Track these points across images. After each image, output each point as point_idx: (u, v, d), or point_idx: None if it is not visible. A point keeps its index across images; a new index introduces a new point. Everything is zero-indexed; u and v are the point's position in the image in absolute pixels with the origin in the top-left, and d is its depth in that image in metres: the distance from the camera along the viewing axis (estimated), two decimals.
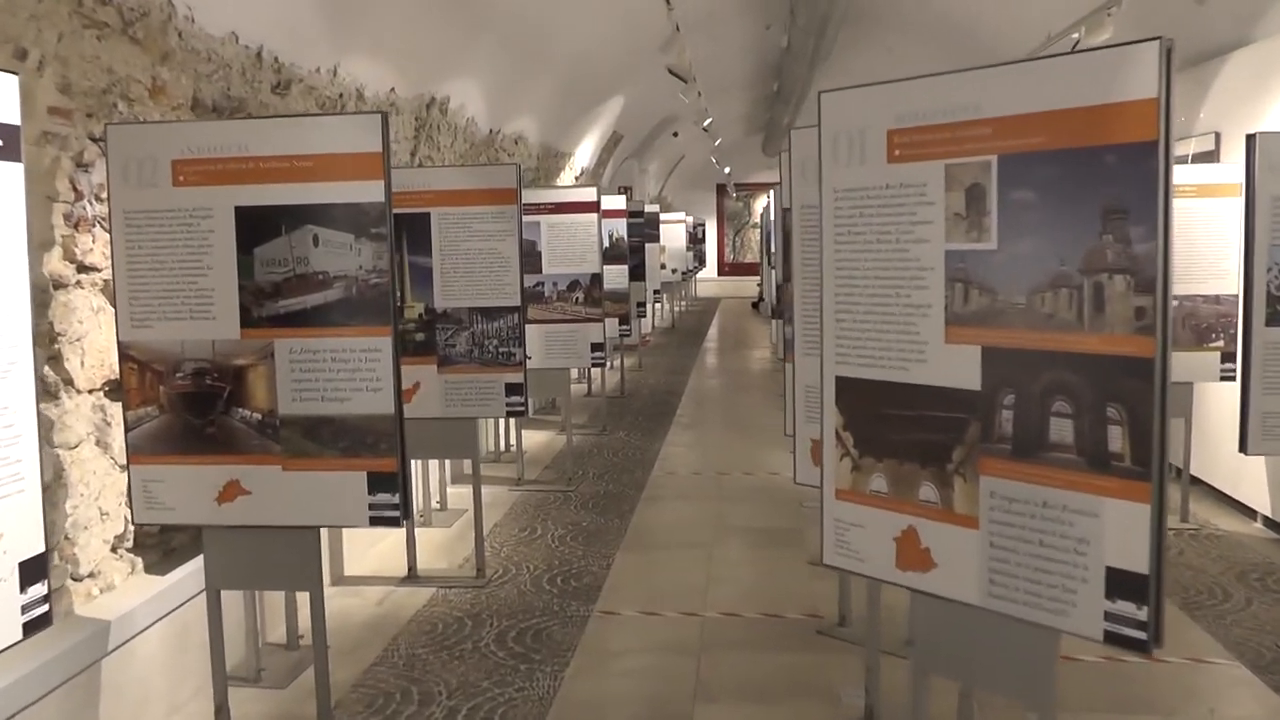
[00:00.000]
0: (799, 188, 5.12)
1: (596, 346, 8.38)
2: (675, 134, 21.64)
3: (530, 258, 8.30)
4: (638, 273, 12.96)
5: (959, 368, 3.02)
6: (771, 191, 12.39)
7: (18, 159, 2.88)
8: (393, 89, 7.04)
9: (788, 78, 16.51)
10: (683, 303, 25.55)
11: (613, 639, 5.31)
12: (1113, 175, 2.65)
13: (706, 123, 15.27)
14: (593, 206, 8.32)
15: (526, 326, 8.11)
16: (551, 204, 8.28)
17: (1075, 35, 7.76)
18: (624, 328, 11.56)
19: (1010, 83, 2.94)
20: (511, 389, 6.06)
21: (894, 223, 3.22)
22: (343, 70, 6.15)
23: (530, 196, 8.37)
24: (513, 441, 9.16)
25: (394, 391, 3.78)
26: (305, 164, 3.76)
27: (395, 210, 5.99)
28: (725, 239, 34.91)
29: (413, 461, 6.28)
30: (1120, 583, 2.69)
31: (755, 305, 26.57)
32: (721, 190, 33.82)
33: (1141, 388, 2.61)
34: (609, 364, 13.97)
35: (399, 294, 6.06)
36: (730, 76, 17.52)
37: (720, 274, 34.50)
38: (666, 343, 19.25)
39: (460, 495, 7.61)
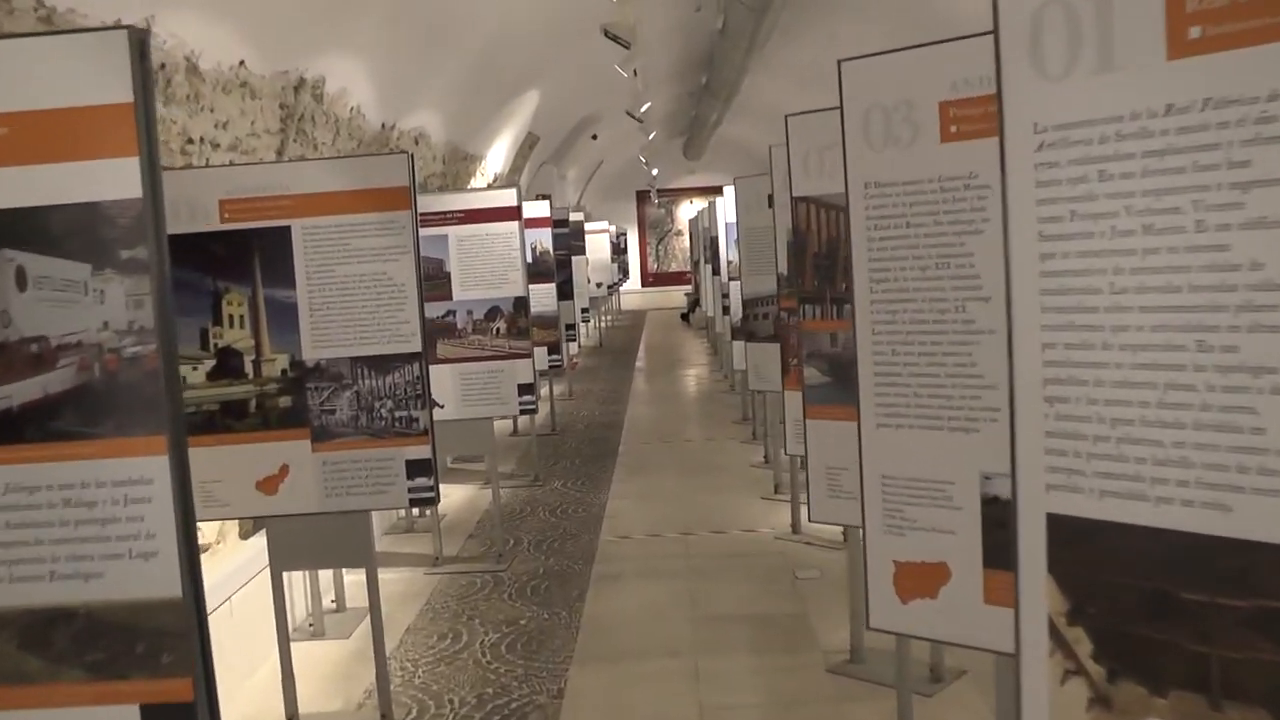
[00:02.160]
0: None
1: (525, 389, 6.68)
2: (594, 136, 20.02)
3: (436, 281, 6.58)
4: (565, 290, 11.27)
5: None
6: (716, 198, 10.78)
7: None
8: (242, 62, 5.28)
9: (719, 67, 15.01)
10: (608, 318, 23.90)
11: None
12: None
13: (644, 108, 13.61)
14: (513, 213, 6.63)
15: (435, 368, 6.40)
16: (461, 211, 6.56)
17: None
18: (554, 357, 9.86)
19: None
20: (415, 468, 4.34)
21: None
22: (159, 27, 4.39)
23: (434, 203, 6.65)
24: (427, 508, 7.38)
25: (183, 554, 2.05)
26: None
27: (240, 224, 4.30)
28: (648, 248, 33.39)
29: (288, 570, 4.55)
30: None
31: (685, 317, 25.04)
32: (643, 197, 32.34)
33: None
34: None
35: (254, 343, 4.32)
36: (653, 70, 15.95)
37: (644, 285, 32.98)
38: (596, 364, 17.56)
39: (362, 588, 5.85)
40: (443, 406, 6.62)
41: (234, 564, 5.13)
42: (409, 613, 5.95)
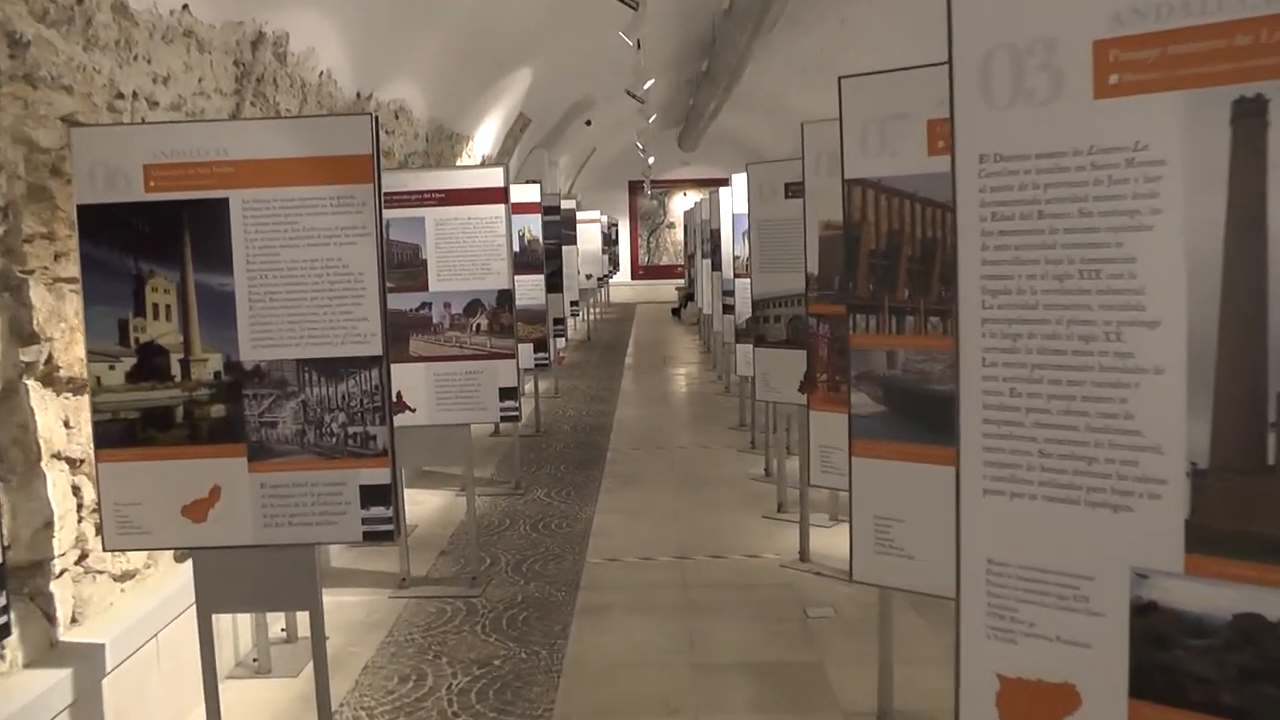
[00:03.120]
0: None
1: (507, 393, 5.94)
2: (588, 122, 19.26)
3: (411, 269, 5.83)
4: (554, 282, 10.52)
5: None
6: (721, 187, 10.06)
7: None
8: (185, 6, 4.52)
9: (722, 51, 14.26)
10: (597, 311, 23.15)
11: None
12: None
13: (647, 85, 12.81)
14: (499, 196, 5.88)
15: (408, 367, 5.68)
16: (440, 191, 5.81)
17: None
18: (540, 355, 9.11)
19: None
20: (371, 495, 3.60)
21: None
22: None
23: (410, 181, 5.90)
24: None
25: None
26: None
27: (169, 194, 3.56)
28: (639, 240, 32.63)
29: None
30: None
31: (676, 312, 24.33)
32: (635, 188, 31.57)
33: None
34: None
35: (183, 340, 3.58)
36: (652, 55, 15.18)
37: (634, 278, 32.23)
38: (584, 360, 16.82)
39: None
40: (414, 410, 5.90)
41: (166, 592, 4.39)
42: (368, 645, 5.22)
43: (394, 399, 5.97)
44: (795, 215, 6.12)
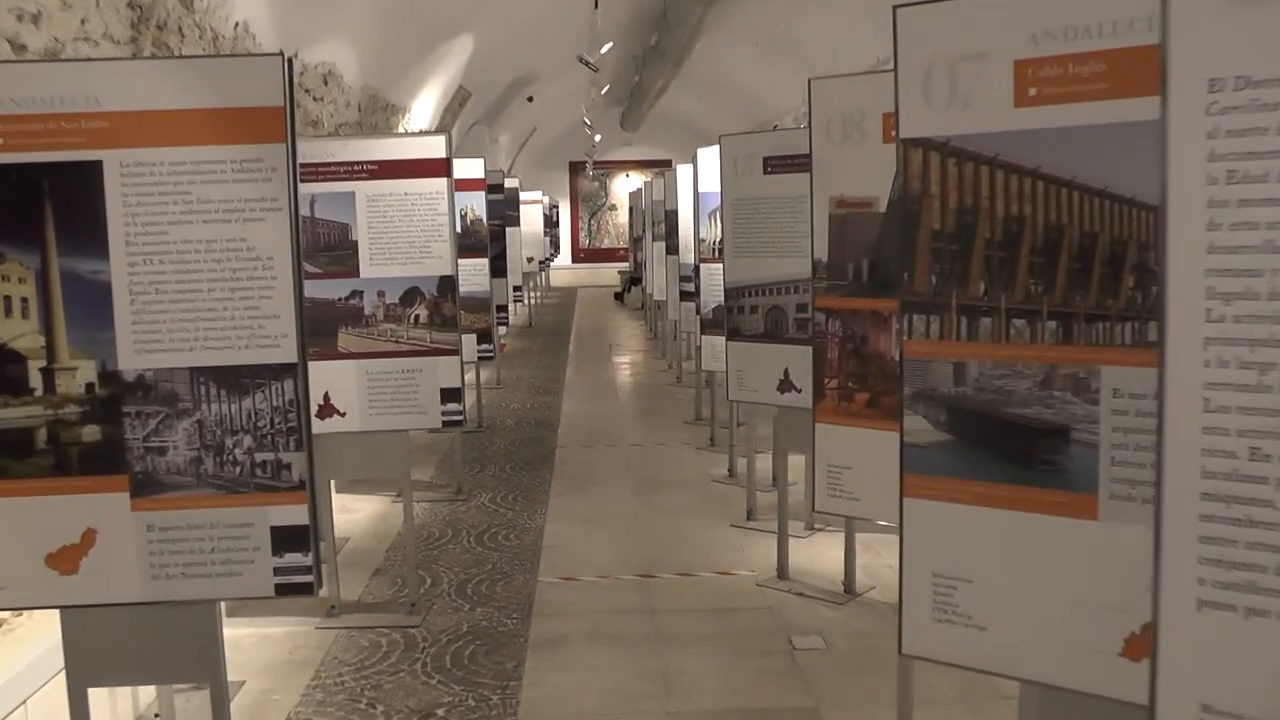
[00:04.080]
0: None
1: (450, 394, 5.20)
2: (530, 99, 18.42)
3: (339, 252, 5.06)
4: (498, 266, 9.74)
5: None
6: (680, 164, 9.36)
7: None
8: None
9: (674, 25, 13.54)
10: (538, 295, 22.35)
11: None
12: None
13: (605, 48, 12.00)
14: (441, 168, 5.11)
15: (337, 364, 4.93)
16: (373, 163, 5.02)
17: None
18: (484, 346, 8.35)
19: None
20: (285, 539, 2.86)
21: None
22: None
23: (339, 150, 5.11)
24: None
25: None
26: None
27: (23, 155, 2.77)
28: (580, 223, 31.82)
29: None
30: None
31: (619, 296, 23.62)
32: (576, 169, 30.74)
33: None
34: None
35: (45, 343, 2.81)
36: (606, 19, 14.40)
37: (575, 261, 31.43)
38: (527, 347, 16.04)
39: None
40: (343, 414, 5.14)
41: (38, 649, 3.61)
42: (292, 690, 4.48)
43: (321, 401, 5.25)
44: (775, 193, 5.50)
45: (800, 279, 5.40)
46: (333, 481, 5.62)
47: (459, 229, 8.11)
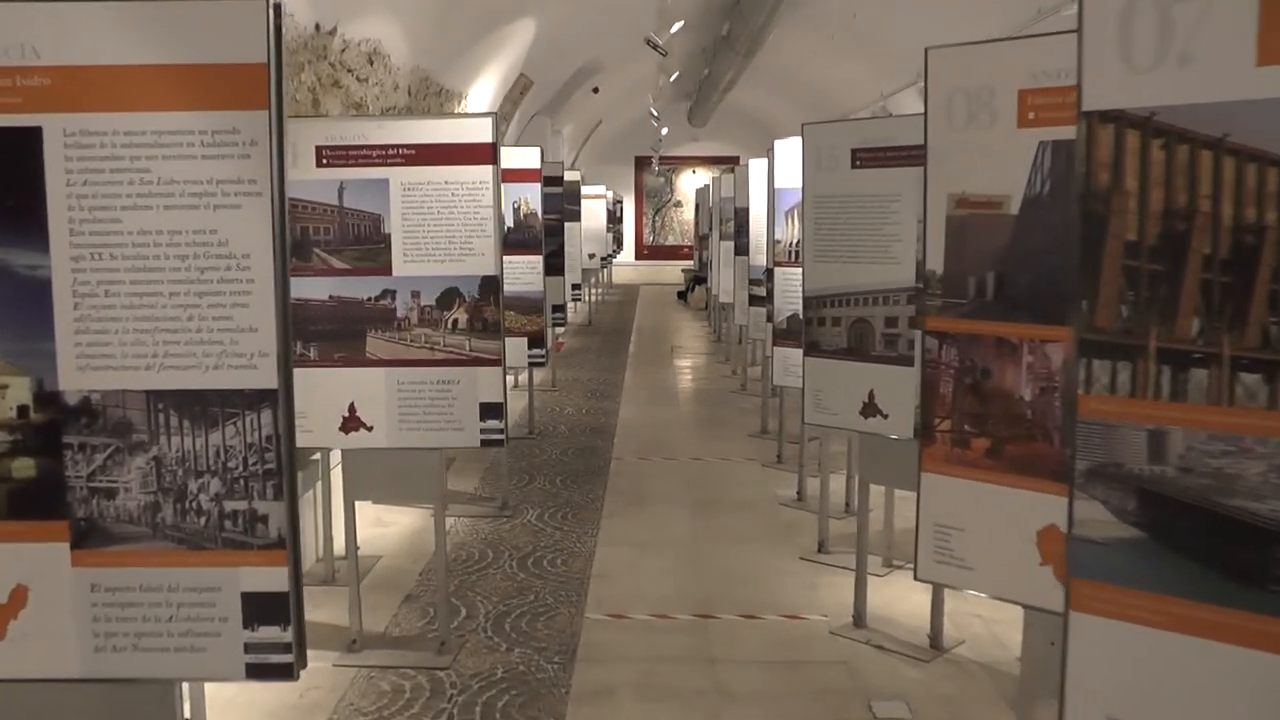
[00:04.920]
0: None
1: (491, 409, 4.60)
2: (596, 90, 17.84)
3: (369, 247, 4.49)
4: (553, 264, 9.16)
5: None
6: (751, 159, 8.69)
7: None
8: None
9: (747, 13, 12.86)
10: (598, 292, 21.79)
11: None
12: None
13: (675, 27, 11.34)
14: (486, 154, 4.51)
15: (364, 371, 4.39)
16: (409, 147, 4.44)
17: None
18: (535, 351, 7.76)
19: None
20: (259, 608, 2.28)
21: None
22: None
23: (371, 130, 4.54)
24: (341, 541, 5.16)
25: None
26: None
27: None
28: (644, 219, 31.22)
29: None
30: None
31: (682, 295, 22.98)
32: (641, 164, 30.13)
33: None
34: (513, 382, 10.23)
35: None
36: (665, 19, 13.79)
37: (638, 258, 30.85)
38: (584, 346, 15.47)
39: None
40: (370, 429, 4.58)
41: None
42: None
43: (346, 413, 4.69)
44: (864, 190, 4.84)
45: (890, 289, 4.75)
46: (355, 508, 5.08)
47: (511, 223, 7.57)
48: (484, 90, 10.94)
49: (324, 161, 4.49)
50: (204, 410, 2.25)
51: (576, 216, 13.59)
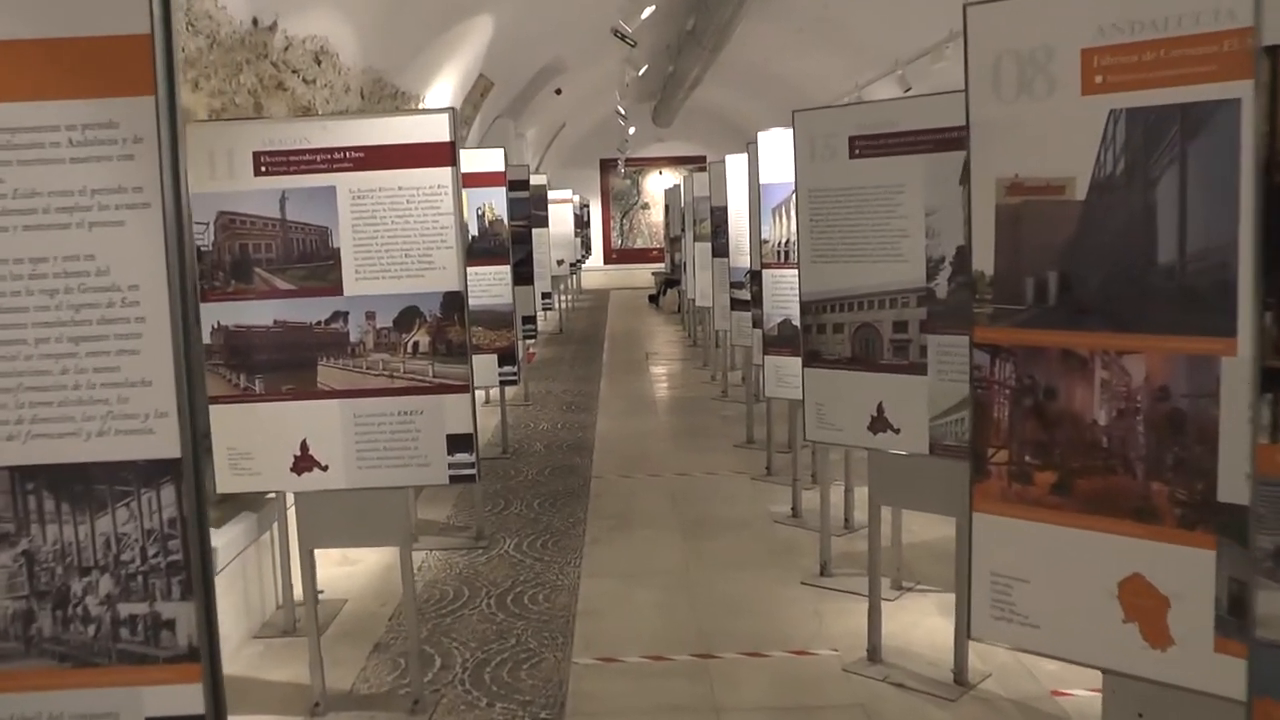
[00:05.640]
0: None
1: (459, 442, 4.10)
2: (559, 91, 17.34)
3: (316, 264, 3.98)
4: (523, 272, 8.64)
5: None
6: (729, 155, 8.25)
7: None
8: None
9: (713, 7, 12.42)
10: (568, 298, 21.27)
11: None
12: None
13: (646, 12, 10.84)
14: (444, 155, 4.01)
15: (317, 404, 3.88)
16: (358, 149, 3.94)
17: None
18: (506, 369, 7.25)
19: None
20: None
21: None
22: None
23: (315, 132, 4.02)
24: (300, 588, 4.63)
25: None
26: None
27: None
28: (612, 222, 30.74)
29: None
30: None
31: (654, 299, 22.52)
32: (607, 166, 29.65)
33: None
34: (484, 398, 9.72)
35: None
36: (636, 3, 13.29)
37: (607, 263, 30.36)
38: (557, 355, 14.95)
39: None
40: (325, 468, 4.07)
41: None
42: None
43: (297, 452, 4.16)
44: (865, 182, 4.38)
45: (898, 290, 4.29)
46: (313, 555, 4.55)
47: (475, 231, 7.06)
48: (442, 92, 10.42)
49: (263, 169, 3.98)
50: (87, 489, 1.74)
51: (545, 222, 13.08)
